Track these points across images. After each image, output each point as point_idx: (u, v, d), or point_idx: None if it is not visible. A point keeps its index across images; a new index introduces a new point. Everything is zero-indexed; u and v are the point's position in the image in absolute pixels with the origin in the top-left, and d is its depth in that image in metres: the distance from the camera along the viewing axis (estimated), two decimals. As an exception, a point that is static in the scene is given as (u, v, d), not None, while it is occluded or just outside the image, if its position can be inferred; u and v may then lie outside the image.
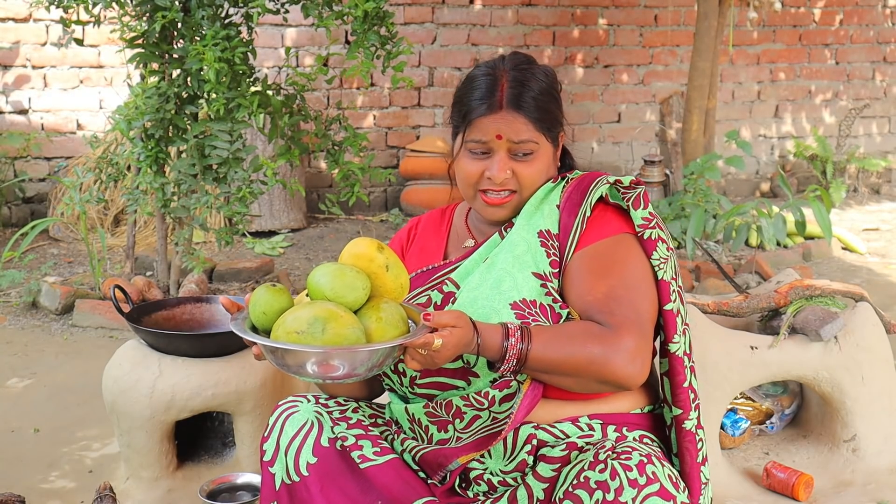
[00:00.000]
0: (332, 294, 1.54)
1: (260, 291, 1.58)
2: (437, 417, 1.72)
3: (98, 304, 4.05)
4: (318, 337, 1.47)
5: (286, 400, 1.82)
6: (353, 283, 1.55)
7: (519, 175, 1.76)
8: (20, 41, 5.53)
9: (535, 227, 1.76)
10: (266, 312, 1.56)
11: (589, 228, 1.74)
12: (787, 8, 6.82)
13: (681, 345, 1.75)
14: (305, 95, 3.75)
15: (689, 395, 1.75)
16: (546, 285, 1.70)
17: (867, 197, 6.94)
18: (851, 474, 2.60)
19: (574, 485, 1.53)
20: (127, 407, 2.46)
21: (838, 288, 2.71)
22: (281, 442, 1.74)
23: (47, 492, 2.62)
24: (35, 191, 5.66)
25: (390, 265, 1.61)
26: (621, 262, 1.70)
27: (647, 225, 1.74)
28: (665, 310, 1.73)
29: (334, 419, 1.76)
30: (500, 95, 1.75)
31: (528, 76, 1.77)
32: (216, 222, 5.22)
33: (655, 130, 6.67)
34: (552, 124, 1.79)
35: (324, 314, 1.49)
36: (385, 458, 1.71)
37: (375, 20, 3.41)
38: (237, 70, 3.33)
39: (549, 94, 1.79)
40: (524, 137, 1.75)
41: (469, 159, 1.80)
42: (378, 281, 1.60)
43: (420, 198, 5.82)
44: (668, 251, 1.74)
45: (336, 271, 1.57)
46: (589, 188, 1.77)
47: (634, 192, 1.76)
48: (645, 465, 1.51)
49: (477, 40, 6.25)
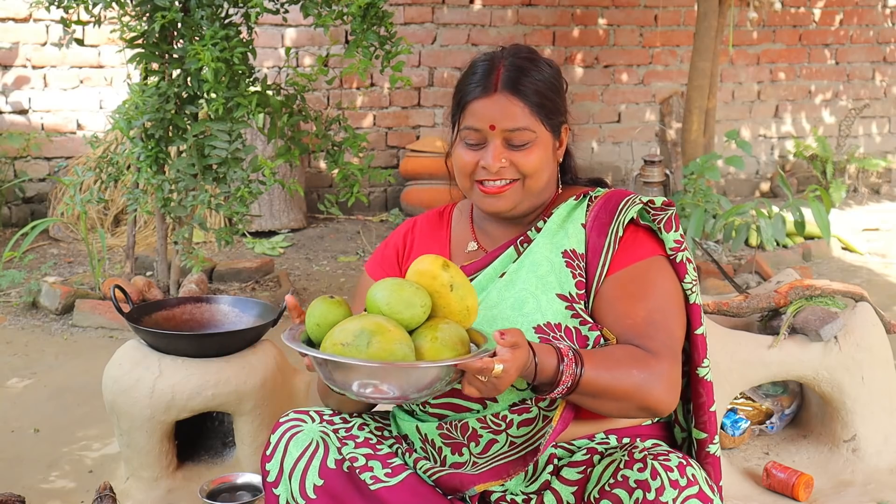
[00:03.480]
0: (387, 309, 1.47)
1: (316, 303, 1.52)
2: (451, 439, 1.67)
3: (98, 304, 4.05)
4: (363, 350, 1.39)
5: (288, 416, 1.74)
6: (410, 300, 1.48)
7: (518, 164, 1.68)
8: (20, 41, 5.53)
9: (560, 247, 1.70)
10: (319, 324, 1.51)
11: (621, 250, 1.68)
12: (787, 8, 6.82)
13: (708, 369, 1.71)
14: (305, 95, 3.75)
15: (715, 420, 1.72)
16: (573, 307, 1.64)
17: (867, 197, 6.94)
18: (851, 474, 2.60)
19: (612, 483, 1.50)
20: (127, 407, 2.46)
21: (838, 288, 2.71)
22: (285, 464, 1.67)
23: (47, 492, 2.62)
24: (35, 191, 5.66)
25: (455, 285, 1.52)
26: (657, 286, 1.65)
27: (679, 248, 1.69)
28: (695, 334, 1.69)
29: (340, 438, 1.70)
30: (495, 78, 1.67)
31: (527, 63, 1.70)
32: (216, 222, 5.23)
33: (655, 130, 6.67)
34: (551, 113, 1.70)
35: (371, 327, 1.42)
36: (398, 478, 1.64)
37: (374, 20, 3.41)
38: (236, 70, 3.33)
39: (549, 84, 1.70)
40: (519, 124, 1.66)
41: (464, 149, 1.72)
42: (441, 301, 1.51)
43: (420, 198, 5.82)
44: (694, 271, 1.71)
45: (395, 286, 1.50)
46: (618, 207, 1.70)
47: (665, 213, 1.69)
48: (685, 467, 1.49)
49: (477, 40, 6.25)
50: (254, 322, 2.64)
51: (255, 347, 2.59)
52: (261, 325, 2.58)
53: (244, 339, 2.56)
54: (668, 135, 6.46)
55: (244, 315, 2.69)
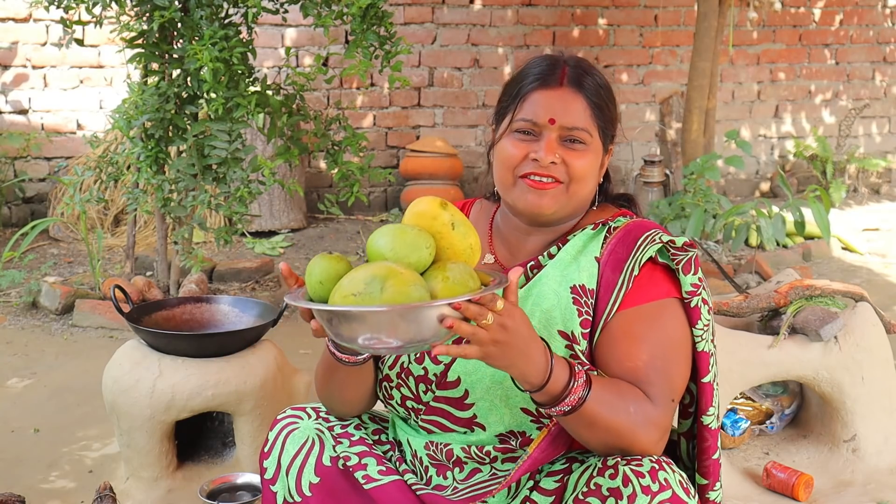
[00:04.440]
0: (392, 256, 1.38)
1: (315, 260, 1.42)
2: (436, 460, 1.66)
3: (98, 304, 4.05)
4: (377, 297, 1.30)
5: (285, 414, 1.74)
6: (415, 243, 1.40)
7: (569, 165, 1.60)
8: (20, 41, 5.53)
9: (570, 281, 1.62)
10: (323, 282, 1.40)
11: (635, 288, 1.59)
12: (787, 8, 6.82)
13: (714, 417, 1.65)
14: (305, 95, 3.75)
15: (718, 467, 1.68)
16: (572, 347, 1.58)
17: (867, 197, 6.94)
18: (851, 474, 2.60)
19: (585, 492, 1.48)
20: (127, 407, 2.46)
21: (838, 288, 2.71)
22: (282, 461, 1.68)
23: (47, 492, 2.62)
24: (35, 191, 5.66)
25: (456, 223, 1.44)
26: (665, 331, 1.58)
27: (695, 292, 1.61)
28: (703, 382, 1.63)
29: (336, 436, 1.70)
30: (560, 73, 1.62)
31: (589, 68, 1.66)
32: (216, 222, 5.23)
33: (655, 130, 6.67)
34: (608, 122, 1.65)
35: (382, 272, 1.33)
36: (390, 478, 1.64)
37: (374, 20, 3.41)
38: (235, 70, 3.33)
39: (608, 91, 1.66)
40: (579, 124, 1.60)
41: (513, 140, 1.62)
42: (444, 241, 1.43)
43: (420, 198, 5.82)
44: (709, 314, 1.64)
45: (397, 231, 1.41)
46: (636, 243, 1.61)
47: (686, 255, 1.61)
48: (657, 472, 1.47)
49: (477, 40, 6.25)
50: (254, 322, 2.64)
51: (255, 347, 2.59)
52: (261, 325, 2.58)
53: (244, 339, 2.56)
54: (668, 135, 6.46)
55: (244, 315, 2.69)
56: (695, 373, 1.64)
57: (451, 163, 5.83)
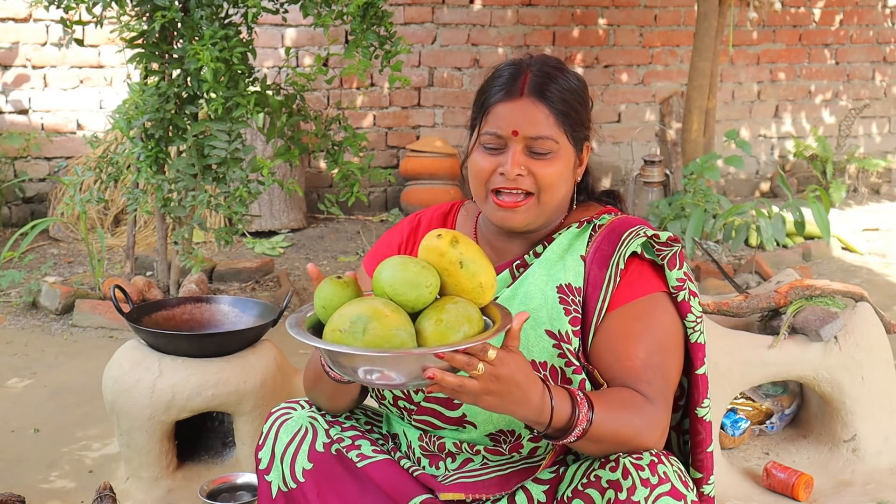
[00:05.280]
0: (391, 291, 1.38)
1: (323, 284, 1.43)
2: (429, 452, 1.69)
3: (98, 304, 4.05)
4: (359, 338, 1.31)
5: (279, 407, 1.77)
6: (415, 280, 1.38)
7: (536, 175, 1.59)
8: (20, 41, 5.53)
9: (556, 280, 1.62)
10: (325, 307, 1.41)
11: (624, 284, 1.60)
12: (787, 8, 6.82)
13: (708, 409, 1.66)
14: (305, 95, 3.75)
15: (712, 460, 1.68)
16: (560, 346, 1.58)
17: (867, 197, 6.94)
18: (851, 474, 2.60)
19: (584, 483, 1.49)
20: (127, 407, 2.46)
21: (838, 288, 2.71)
22: (276, 450, 1.70)
23: (47, 492, 2.62)
24: (35, 191, 5.66)
25: (465, 261, 1.41)
26: (659, 325, 1.59)
27: (681, 286, 1.61)
28: (696, 374, 1.63)
29: (328, 422, 1.73)
30: (521, 83, 1.60)
31: (555, 72, 1.63)
32: (216, 222, 5.23)
33: (655, 130, 6.67)
34: (576, 125, 1.63)
35: (368, 312, 1.33)
36: (384, 456, 1.69)
37: (374, 20, 3.41)
38: (235, 70, 3.33)
39: (576, 94, 1.63)
40: (543, 133, 1.58)
41: (482, 154, 1.62)
42: (451, 279, 1.41)
43: (420, 198, 5.82)
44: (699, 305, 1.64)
45: (399, 265, 1.40)
46: (620, 239, 1.62)
47: (671, 250, 1.62)
48: (656, 465, 1.48)
49: (477, 40, 6.25)
50: (254, 322, 2.64)
51: (254, 347, 2.59)
52: (261, 325, 2.58)
53: (244, 339, 2.56)
54: (668, 135, 6.46)
55: (244, 315, 2.69)
56: (688, 365, 1.65)
57: (450, 163, 5.83)
